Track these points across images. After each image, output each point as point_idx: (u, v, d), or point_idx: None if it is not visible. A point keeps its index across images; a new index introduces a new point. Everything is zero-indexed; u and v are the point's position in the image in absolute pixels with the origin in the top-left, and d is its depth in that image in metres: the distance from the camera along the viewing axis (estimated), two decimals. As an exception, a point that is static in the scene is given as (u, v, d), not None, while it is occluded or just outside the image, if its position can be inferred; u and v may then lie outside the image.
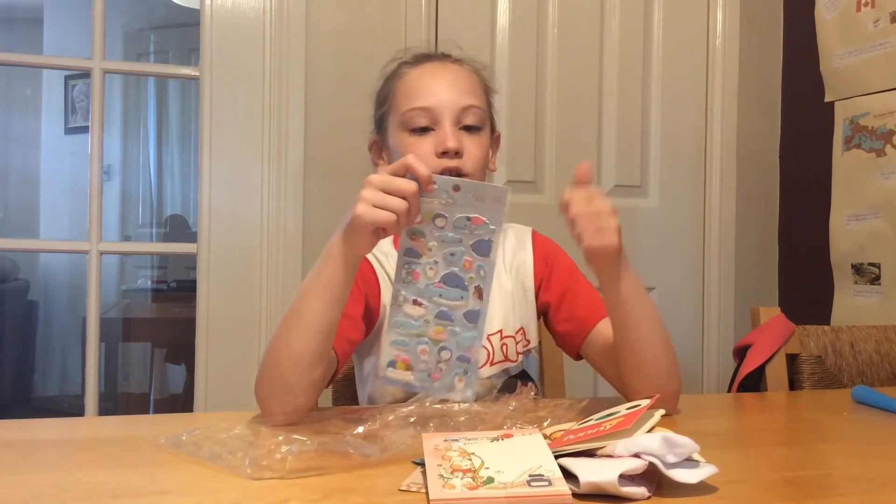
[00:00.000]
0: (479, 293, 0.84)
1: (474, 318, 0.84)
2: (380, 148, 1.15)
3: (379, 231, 0.83)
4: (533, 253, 1.18)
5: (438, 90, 1.07)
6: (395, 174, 0.82)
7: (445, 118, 1.06)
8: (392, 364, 0.87)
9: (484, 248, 0.82)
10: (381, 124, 1.15)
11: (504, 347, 1.12)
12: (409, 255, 0.84)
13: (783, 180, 2.22)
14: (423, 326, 0.85)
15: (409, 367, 0.87)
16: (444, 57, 1.14)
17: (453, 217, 0.82)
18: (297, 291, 0.90)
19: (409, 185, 0.81)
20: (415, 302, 0.85)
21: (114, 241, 4.03)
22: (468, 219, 0.82)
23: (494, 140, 1.18)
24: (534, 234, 1.21)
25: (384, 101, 1.14)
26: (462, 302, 0.84)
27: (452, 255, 0.83)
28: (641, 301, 0.97)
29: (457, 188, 0.81)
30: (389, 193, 0.81)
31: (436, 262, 0.83)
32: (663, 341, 0.99)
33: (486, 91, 1.14)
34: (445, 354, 0.86)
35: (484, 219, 0.81)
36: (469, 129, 1.07)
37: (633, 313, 0.96)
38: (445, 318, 0.85)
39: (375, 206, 0.81)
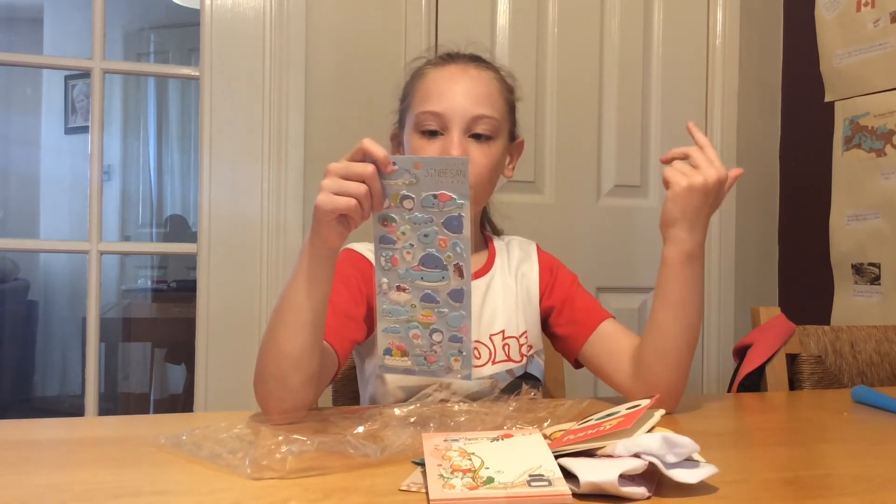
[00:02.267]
0: (460, 271, 0.83)
1: (459, 297, 0.84)
2: (399, 142, 1.15)
3: (343, 219, 0.82)
4: (538, 263, 1.19)
5: (452, 96, 1.06)
6: (353, 159, 0.82)
7: (454, 125, 1.05)
8: (388, 352, 0.87)
9: (455, 225, 0.82)
10: (401, 119, 1.15)
11: (506, 347, 1.12)
12: (384, 243, 0.84)
13: (783, 180, 2.22)
14: (411, 311, 0.85)
15: (404, 354, 0.87)
16: (470, 60, 1.12)
17: (420, 197, 0.81)
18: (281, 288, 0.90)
19: (364, 168, 0.80)
20: (398, 288, 0.85)
21: (114, 241, 4.03)
22: (434, 196, 0.81)
23: (516, 147, 1.18)
24: (538, 247, 1.23)
25: (405, 97, 1.14)
26: (444, 283, 0.84)
27: (426, 236, 0.83)
28: (696, 287, 0.98)
29: (418, 165, 0.81)
30: (348, 179, 0.81)
31: (412, 246, 0.83)
32: (693, 339, 1.01)
33: (507, 99, 1.13)
34: (437, 336, 0.86)
35: (450, 194, 0.81)
36: (478, 137, 1.07)
37: (682, 291, 0.98)
38: (431, 301, 0.85)
39: (335, 194, 0.81)
